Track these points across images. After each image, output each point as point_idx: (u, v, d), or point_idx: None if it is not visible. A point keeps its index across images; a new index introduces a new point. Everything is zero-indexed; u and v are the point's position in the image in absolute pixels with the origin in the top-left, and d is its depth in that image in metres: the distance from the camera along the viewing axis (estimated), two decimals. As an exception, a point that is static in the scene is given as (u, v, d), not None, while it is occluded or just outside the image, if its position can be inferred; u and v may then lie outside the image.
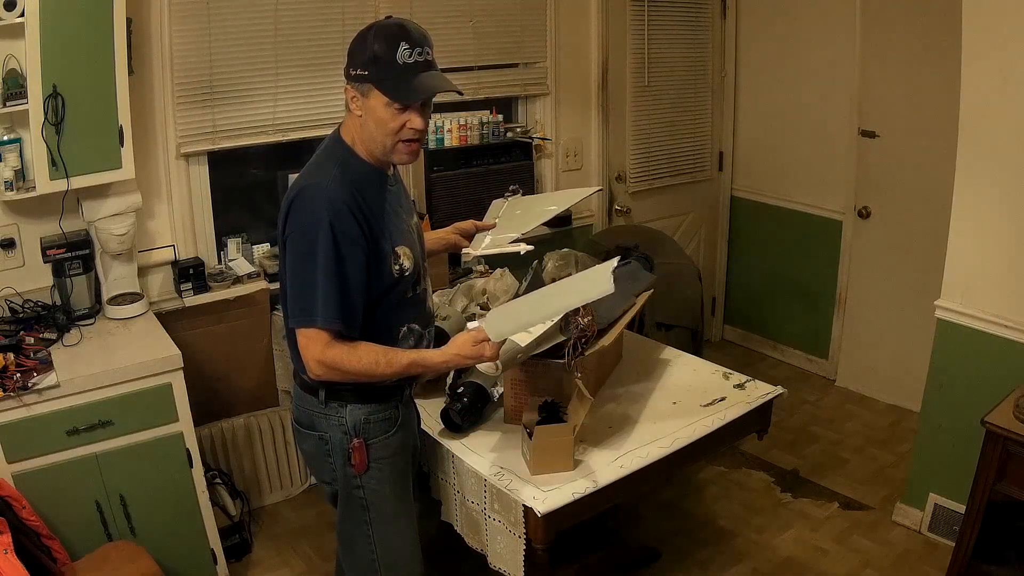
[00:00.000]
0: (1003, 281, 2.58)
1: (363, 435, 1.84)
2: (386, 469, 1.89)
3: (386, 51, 1.68)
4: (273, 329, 3.08)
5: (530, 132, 3.67)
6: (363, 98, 1.73)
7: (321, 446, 1.88)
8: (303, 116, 3.06)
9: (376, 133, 1.74)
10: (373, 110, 1.72)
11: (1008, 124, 2.46)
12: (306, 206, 1.71)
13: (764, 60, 4.16)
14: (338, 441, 1.85)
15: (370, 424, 1.85)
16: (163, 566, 2.29)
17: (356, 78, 1.72)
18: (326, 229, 1.67)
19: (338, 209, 1.69)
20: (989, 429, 2.29)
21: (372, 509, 1.90)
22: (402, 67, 1.69)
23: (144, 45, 2.68)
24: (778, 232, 4.29)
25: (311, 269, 1.69)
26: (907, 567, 2.78)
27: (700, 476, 3.33)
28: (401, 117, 1.72)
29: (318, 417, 1.86)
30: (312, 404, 1.86)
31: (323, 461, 1.90)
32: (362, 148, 1.79)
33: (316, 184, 1.72)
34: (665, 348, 2.61)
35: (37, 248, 2.58)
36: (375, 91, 1.70)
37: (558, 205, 2.33)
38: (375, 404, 1.85)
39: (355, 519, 1.92)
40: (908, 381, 3.53)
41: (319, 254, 1.68)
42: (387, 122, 1.72)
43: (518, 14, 3.51)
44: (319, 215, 1.68)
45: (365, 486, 1.88)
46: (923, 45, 3.39)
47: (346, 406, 1.83)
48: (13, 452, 2.21)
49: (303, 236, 1.70)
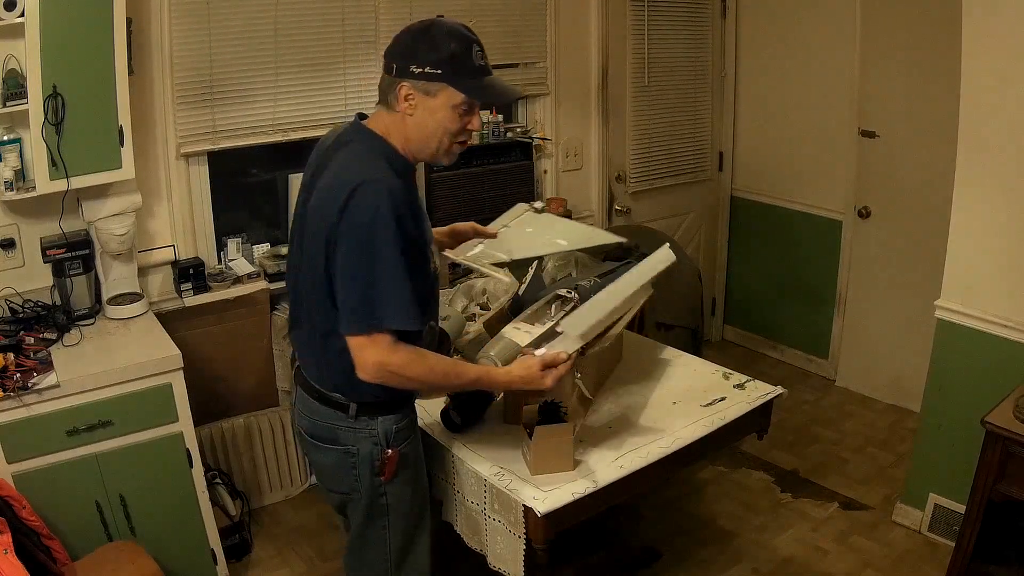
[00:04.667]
0: (1003, 281, 2.58)
1: (396, 443, 1.82)
2: (410, 472, 1.88)
3: (463, 51, 1.66)
4: (273, 329, 3.08)
5: (530, 132, 3.67)
6: (425, 96, 1.67)
7: (346, 459, 1.82)
8: (303, 116, 3.06)
9: (433, 132, 1.71)
10: (435, 109, 1.68)
11: (1008, 124, 2.46)
12: (368, 201, 1.61)
13: (764, 60, 4.16)
14: (367, 453, 1.81)
15: (399, 432, 1.83)
16: (163, 566, 2.29)
17: (424, 76, 1.66)
18: (392, 225, 1.61)
19: (398, 203, 1.63)
20: (989, 429, 2.29)
21: (392, 513, 1.88)
22: (477, 68, 1.68)
23: (144, 45, 2.68)
24: (778, 232, 4.28)
25: (377, 268, 1.61)
26: (907, 567, 2.78)
27: (700, 476, 3.33)
28: (464, 119, 1.71)
29: (344, 432, 1.81)
30: (336, 419, 1.80)
31: (346, 473, 1.84)
32: (400, 144, 1.74)
33: (374, 180, 1.64)
34: (665, 348, 2.61)
35: (37, 248, 2.58)
36: (449, 90, 1.67)
37: (569, 242, 2.23)
38: (401, 412, 1.83)
39: (376, 525, 1.89)
40: (908, 381, 3.53)
41: (385, 252, 1.61)
42: (448, 122, 1.70)
43: (518, 14, 3.51)
44: (383, 211, 1.60)
45: (388, 492, 1.85)
46: (923, 45, 3.39)
47: (376, 418, 1.79)
48: (13, 452, 2.21)
49: (366, 233, 1.61)
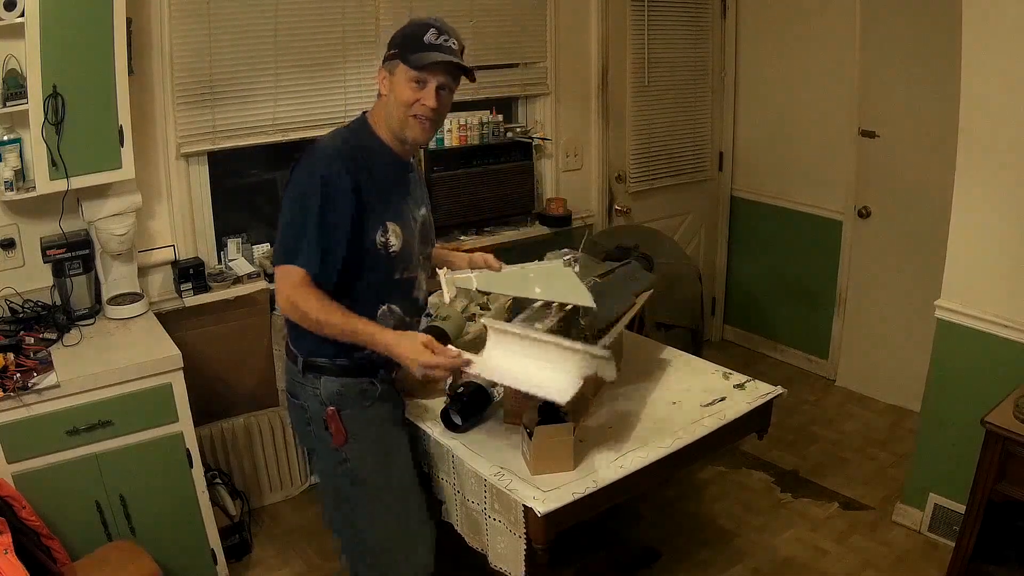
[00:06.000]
0: (1003, 281, 2.58)
1: (337, 405, 1.93)
2: (367, 441, 1.96)
3: (415, 32, 1.86)
4: (273, 329, 3.08)
5: (530, 132, 3.67)
6: (390, 76, 1.88)
7: (302, 414, 2.01)
8: (303, 116, 3.06)
9: (395, 108, 1.89)
10: (395, 85, 1.88)
11: (1008, 124, 2.46)
12: (306, 161, 1.86)
13: (764, 60, 4.16)
14: (316, 411, 1.96)
15: (344, 396, 1.94)
16: (163, 566, 2.29)
17: (387, 58, 1.90)
18: (317, 179, 1.81)
19: (332, 161, 1.83)
20: (989, 429, 2.29)
21: (360, 483, 1.98)
22: (426, 44, 1.85)
23: (144, 45, 2.68)
24: (778, 232, 4.29)
25: (299, 215, 1.81)
26: (907, 567, 2.78)
27: (700, 476, 3.33)
28: (417, 93, 1.86)
29: (298, 386, 1.99)
30: (293, 372, 2.00)
31: (303, 428, 2.04)
32: (385, 130, 1.93)
33: (323, 144, 1.89)
34: (665, 348, 2.61)
35: (37, 248, 2.59)
36: (401, 66, 1.86)
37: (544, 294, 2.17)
38: (348, 378, 1.95)
39: (344, 494, 2.00)
40: (908, 381, 3.53)
41: (308, 201, 1.80)
42: (403, 95, 1.86)
43: (518, 14, 3.51)
44: (315, 167, 1.83)
45: (349, 457, 1.96)
46: (923, 45, 3.39)
47: (320, 377, 1.94)
48: (13, 452, 2.21)
49: (297, 185, 1.85)
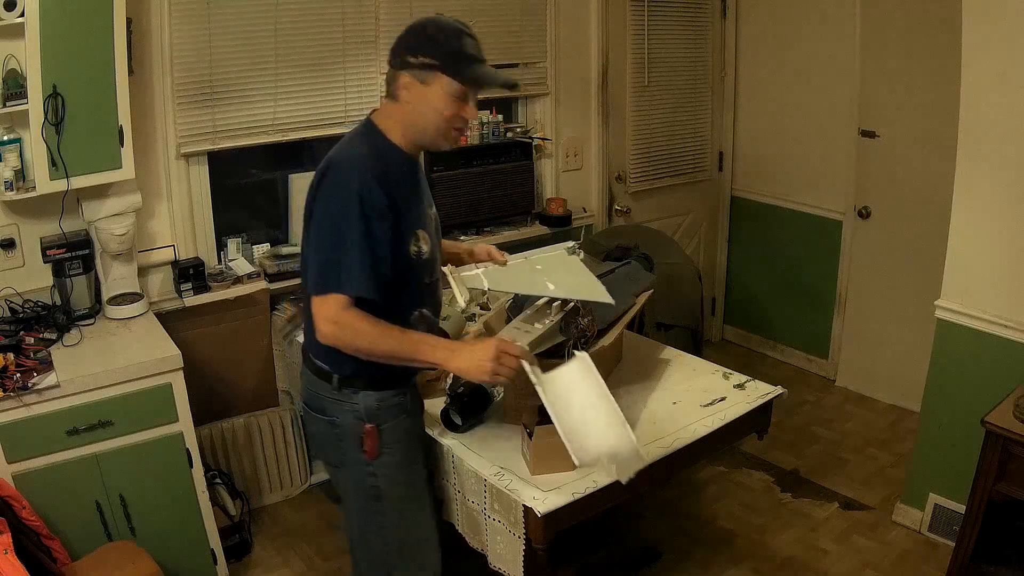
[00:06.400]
0: (1003, 281, 2.58)
1: (375, 421, 1.86)
2: (398, 454, 1.91)
3: (455, 42, 1.77)
4: (273, 329, 3.08)
5: (530, 132, 3.67)
6: (422, 85, 1.78)
7: (332, 430, 1.90)
8: (303, 116, 3.06)
9: (429, 119, 1.80)
10: (430, 96, 1.78)
11: (1008, 124, 2.46)
12: (337, 178, 1.75)
13: (764, 60, 4.16)
14: (350, 426, 1.87)
15: (382, 410, 1.87)
16: (163, 566, 2.29)
17: (420, 66, 1.77)
18: (355, 199, 1.70)
19: (367, 181, 1.72)
20: (989, 429, 2.29)
21: (385, 497, 1.92)
22: (468, 56, 1.78)
23: (144, 45, 2.68)
24: (778, 232, 4.29)
25: (339, 238, 1.71)
26: (907, 567, 2.78)
27: (700, 476, 3.33)
28: (461, 107, 1.80)
29: (329, 402, 1.88)
30: (323, 389, 1.89)
31: (333, 444, 1.93)
32: (400, 135, 1.84)
33: (347, 157, 1.77)
34: (665, 348, 2.61)
35: (37, 248, 2.58)
36: (442, 78, 1.76)
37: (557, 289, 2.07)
38: (387, 391, 1.88)
39: (370, 507, 1.94)
40: (908, 381, 3.53)
41: (348, 224, 1.71)
42: (444, 110, 1.79)
43: (518, 14, 3.51)
44: (349, 186, 1.72)
45: (378, 472, 1.90)
46: (923, 45, 3.39)
47: (359, 392, 1.85)
48: (13, 452, 2.21)
49: (332, 206, 1.73)
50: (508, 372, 1.73)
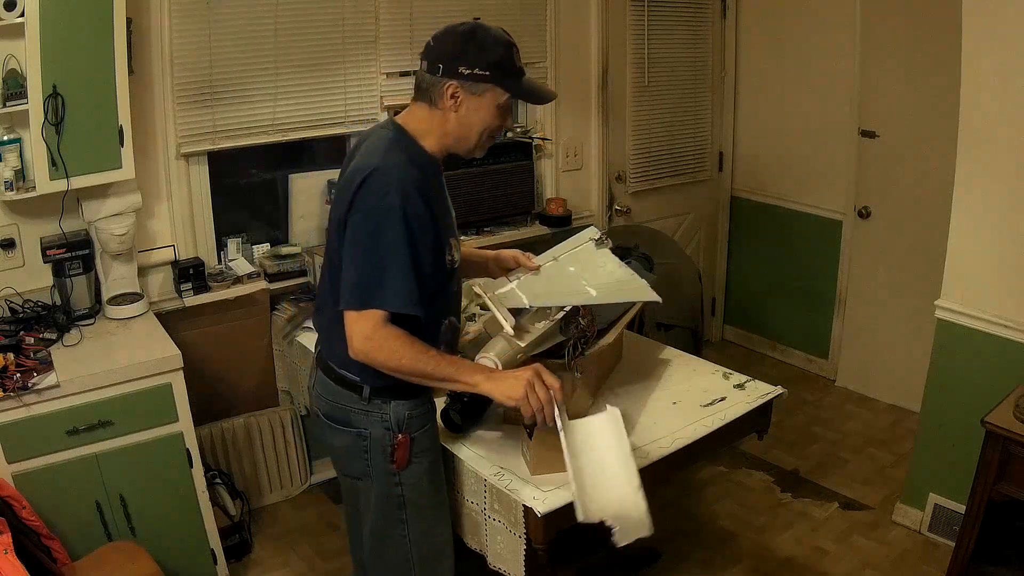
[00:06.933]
0: (1003, 281, 2.58)
1: (408, 430, 1.84)
2: (425, 462, 1.89)
3: (507, 55, 1.76)
4: (273, 329, 3.08)
5: (530, 132, 3.67)
6: (472, 96, 1.75)
7: (358, 442, 1.85)
8: (303, 116, 3.06)
9: (475, 129, 1.79)
10: (480, 107, 1.76)
11: (1008, 124, 2.46)
12: (378, 187, 1.67)
13: (764, 60, 4.16)
14: (379, 437, 1.83)
15: (413, 418, 1.85)
16: (163, 566, 2.29)
17: (472, 76, 1.73)
18: (398, 211, 1.65)
19: (408, 191, 1.67)
20: (989, 429, 2.29)
21: (409, 504, 1.89)
22: (517, 70, 1.78)
23: (144, 45, 2.68)
24: (778, 232, 4.29)
25: (381, 252, 1.66)
26: (907, 567, 2.78)
27: (700, 476, 3.33)
28: (504, 116, 1.81)
29: (357, 414, 1.84)
30: (350, 400, 1.84)
31: (358, 457, 1.87)
32: (435, 141, 1.80)
33: (387, 166, 1.70)
34: (665, 348, 2.60)
35: (37, 248, 2.58)
36: (496, 90, 1.75)
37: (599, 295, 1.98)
38: (415, 399, 1.85)
39: (392, 516, 1.90)
40: (908, 381, 3.53)
41: (391, 237, 1.65)
42: (490, 119, 1.78)
43: (518, 14, 3.51)
44: (391, 196, 1.66)
45: (404, 482, 1.87)
46: (923, 45, 3.39)
47: (390, 402, 1.82)
48: (13, 452, 2.21)
49: (372, 216, 1.67)
50: (535, 403, 1.70)
